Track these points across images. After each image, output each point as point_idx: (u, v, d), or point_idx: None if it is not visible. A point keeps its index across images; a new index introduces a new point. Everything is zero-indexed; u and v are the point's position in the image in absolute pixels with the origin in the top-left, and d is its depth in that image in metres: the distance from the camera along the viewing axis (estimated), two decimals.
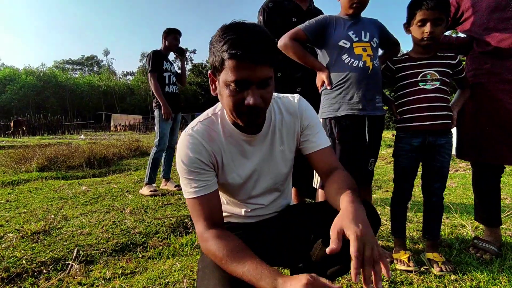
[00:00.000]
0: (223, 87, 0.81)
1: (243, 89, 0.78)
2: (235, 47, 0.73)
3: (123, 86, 39.20)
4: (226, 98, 0.81)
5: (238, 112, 0.82)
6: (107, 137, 11.48)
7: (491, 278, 1.43)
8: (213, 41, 0.80)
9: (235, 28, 0.76)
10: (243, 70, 0.75)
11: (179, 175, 0.93)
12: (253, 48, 0.74)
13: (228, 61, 0.75)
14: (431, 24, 1.47)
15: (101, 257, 1.81)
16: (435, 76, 1.55)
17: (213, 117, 0.96)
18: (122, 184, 3.71)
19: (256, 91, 0.78)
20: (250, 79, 0.76)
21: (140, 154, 6.68)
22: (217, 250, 0.81)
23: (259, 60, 0.75)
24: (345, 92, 1.57)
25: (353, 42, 1.57)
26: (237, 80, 0.76)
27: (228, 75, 0.77)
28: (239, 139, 0.95)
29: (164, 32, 3.39)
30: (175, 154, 0.98)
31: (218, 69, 0.80)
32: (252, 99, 0.77)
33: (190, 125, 0.95)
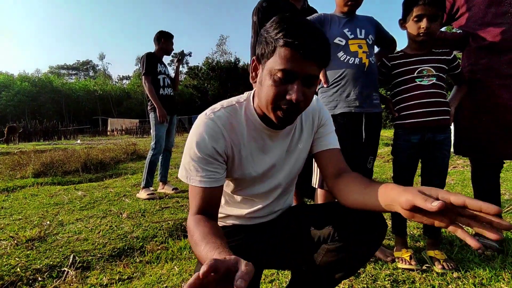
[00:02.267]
0: (266, 75, 0.77)
1: (288, 82, 0.75)
2: (292, 36, 0.71)
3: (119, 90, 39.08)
4: (267, 88, 0.77)
5: (276, 105, 0.78)
6: (103, 142, 11.41)
7: (494, 274, 1.41)
8: (267, 27, 0.78)
9: (294, 20, 0.74)
10: (293, 62, 0.72)
11: (185, 155, 0.88)
12: (309, 42, 0.71)
13: (281, 48, 0.73)
14: (427, 20, 1.46)
15: (98, 263, 1.78)
16: (431, 72, 1.54)
17: (237, 106, 0.90)
18: (119, 188, 3.67)
19: (300, 87, 0.75)
20: (298, 72, 0.74)
21: (137, 157, 6.64)
22: (193, 229, 0.78)
23: (312, 55, 0.73)
24: (341, 90, 1.56)
25: (348, 39, 1.56)
26: (285, 70, 0.73)
27: (276, 62, 0.74)
28: (261, 132, 0.91)
29: (159, 36, 3.36)
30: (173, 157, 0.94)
31: (267, 55, 0.76)
32: (295, 94, 0.74)
33: (211, 108, 0.89)
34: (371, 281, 1.41)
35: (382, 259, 1.60)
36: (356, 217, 0.81)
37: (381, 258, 1.61)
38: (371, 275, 1.46)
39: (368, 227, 0.81)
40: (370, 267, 1.54)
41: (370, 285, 1.38)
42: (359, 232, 0.80)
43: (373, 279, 1.43)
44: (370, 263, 1.57)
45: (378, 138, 1.71)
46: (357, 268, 0.93)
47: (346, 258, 0.84)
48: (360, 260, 0.88)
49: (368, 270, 1.51)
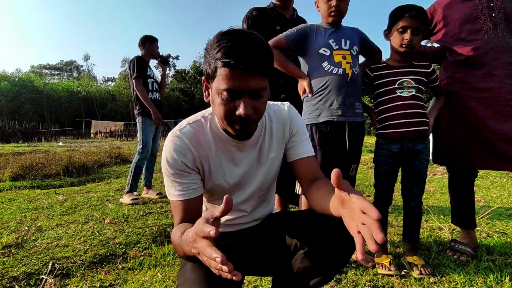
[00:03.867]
0: (215, 94, 0.79)
1: (235, 99, 0.77)
2: (229, 55, 0.72)
3: (104, 92, 38.31)
4: (217, 106, 0.80)
5: (229, 120, 0.81)
6: (87, 144, 11.15)
7: (468, 279, 1.47)
8: (208, 47, 0.79)
9: (231, 35, 0.74)
10: (235, 80, 0.74)
11: (163, 174, 0.92)
12: (247, 57, 0.72)
13: (221, 69, 0.74)
14: (411, 32, 1.55)
15: (78, 270, 1.74)
16: (411, 83, 1.61)
17: (202, 120, 0.94)
18: (102, 192, 3.60)
19: (248, 101, 0.77)
20: (242, 89, 0.75)
21: (121, 161, 6.53)
22: (174, 232, 0.83)
23: (253, 70, 0.74)
24: (325, 99, 1.60)
25: (333, 50, 1.61)
26: (229, 89, 0.75)
27: (220, 83, 0.76)
28: (228, 145, 0.93)
29: (143, 40, 3.34)
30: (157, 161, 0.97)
31: (211, 76, 0.78)
32: (243, 109, 0.76)
33: (178, 126, 0.93)
34: (352, 287, 1.44)
35: (363, 265, 1.64)
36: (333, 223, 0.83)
37: (362, 263, 1.65)
38: (352, 281, 1.49)
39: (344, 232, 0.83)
40: (351, 272, 1.58)
41: None
42: (334, 237, 0.82)
43: (354, 285, 1.46)
44: (351, 269, 1.61)
45: (361, 147, 1.76)
46: (334, 274, 0.94)
47: (322, 264, 0.86)
48: (336, 265, 0.90)
49: (349, 275, 1.55)
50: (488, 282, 1.43)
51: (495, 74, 1.60)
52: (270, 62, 0.79)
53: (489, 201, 2.99)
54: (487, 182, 3.89)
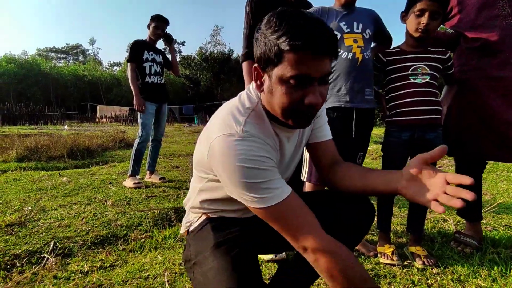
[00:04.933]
0: (277, 83, 0.71)
1: (304, 86, 0.70)
2: (297, 37, 0.65)
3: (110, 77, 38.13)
4: (280, 96, 0.71)
5: (294, 111, 0.73)
6: (91, 128, 11.18)
7: (472, 271, 1.45)
8: (264, 30, 0.71)
9: (292, 17, 0.68)
10: (305, 64, 0.67)
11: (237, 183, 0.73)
12: (317, 38, 0.65)
13: (289, 54, 0.67)
14: (428, 16, 1.46)
15: (80, 250, 1.75)
16: (425, 70, 1.54)
17: (256, 118, 0.81)
18: (105, 175, 3.61)
19: (318, 88, 0.70)
20: (313, 74, 0.68)
21: (126, 145, 6.53)
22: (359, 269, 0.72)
23: (323, 51, 0.67)
24: (333, 84, 1.55)
25: (344, 33, 1.54)
26: (299, 75, 0.68)
27: (287, 69, 0.68)
28: (281, 135, 0.86)
29: (149, 21, 3.29)
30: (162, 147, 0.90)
31: (273, 62, 0.70)
32: (315, 98, 0.70)
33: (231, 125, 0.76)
34: None
35: (365, 254, 1.62)
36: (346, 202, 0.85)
37: (364, 252, 1.63)
38: None
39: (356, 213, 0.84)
40: None
41: None
42: (348, 217, 0.83)
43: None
44: None
45: (370, 134, 1.71)
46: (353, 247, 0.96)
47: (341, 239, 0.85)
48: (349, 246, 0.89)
49: None
50: (492, 275, 1.41)
51: (511, 63, 1.54)
52: (336, 41, 0.72)
53: (495, 195, 2.94)
54: (493, 176, 3.82)
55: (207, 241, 0.89)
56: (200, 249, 0.89)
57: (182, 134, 10.07)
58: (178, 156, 5.40)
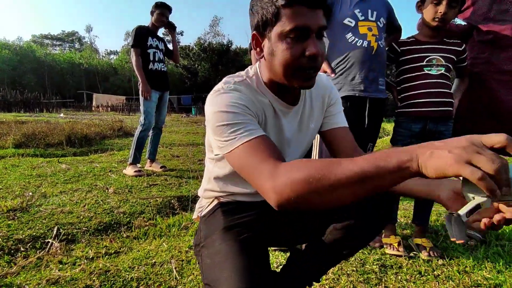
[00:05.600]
0: (277, 41, 0.73)
1: (303, 39, 0.72)
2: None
3: (106, 65, 37.62)
4: (282, 53, 0.73)
5: (296, 66, 0.73)
6: (88, 117, 11.05)
7: (477, 263, 1.46)
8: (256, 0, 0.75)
9: None
10: (303, 16, 0.70)
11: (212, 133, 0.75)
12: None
13: (285, 10, 0.70)
14: (447, 4, 1.43)
15: (83, 236, 1.74)
16: (440, 61, 1.52)
17: (248, 81, 0.84)
18: (105, 163, 3.58)
19: (316, 41, 0.73)
20: (311, 25, 0.71)
21: (124, 134, 6.48)
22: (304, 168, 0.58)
23: (317, 4, 0.71)
24: (347, 73, 1.53)
25: (358, 20, 1.52)
26: (298, 27, 0.70)
27: (285, 24, 0.71)
28: (276, 108, 0.86)
29: (152, 7, 3.22)
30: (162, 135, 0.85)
31: (270, 23, 0.73)
32: (314, 48, 0.71)
33: (224, 82, 0.81)
34: (360, 265, 1.43)
35: (371, 245, 1.63)
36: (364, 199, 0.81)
37: (370, 243, 1.64)
38: (359, 259, 1.48)
39: (375, 207, 0.80)
40: (359, 251, 1.57)
41: (359, 269, 1.40)
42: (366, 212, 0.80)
43: (362, 263, 1.45)
44: None
45: (380, 125, 1.70)
46: (361, 247, 0.93)
47: (352, 237, 0.84)
48: (364, 240, 0.88)
49: (357, 254, 1.53)
50: (497, 267, 1.42)
51: None
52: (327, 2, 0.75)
53: None
54: None
55: (216, 224, 0.89)
56: (209, 232, 0.88)
57: (181, 124, 10.01)
58: (178, 145, 5.37)
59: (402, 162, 0.49)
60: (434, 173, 0.46)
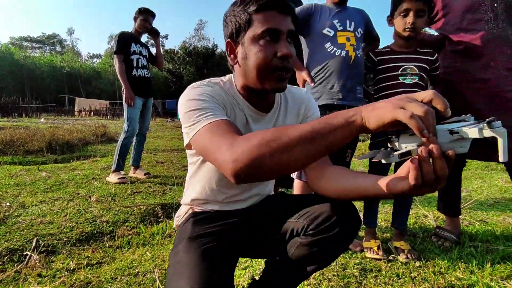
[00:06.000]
0: (250, 45, 0.78)
1: (274, 41, 0.77)
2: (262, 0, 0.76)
3: (89, 69, 36.79)
4: (255, 55, 0.78)
5: (269, 67, 0.77)
6: (70, 122, 10.77)
7: (451, 264, 1.52)
8: (230, 9, 0.82)
9: None
10: (273, 20, 0.76)
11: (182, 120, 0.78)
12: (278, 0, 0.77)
13: (257, 15, 0.77)
14: (414, 15, 1.52)
15: (64, 247, 1.70)
16: (414, 71, 1.59)
17: (221, 84, 0.89)
18: (87, 170, 3.51)
19: (287, 43, 0.78)
20: (281, 27, 0.77)
21: (107, 140, 6.36)
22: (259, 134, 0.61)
23: (286, 10, 0.78)
24: (326, 81, 1.58)
25: (337, 30, 1.57)
26: (269, 29, 0.76)
27: (257, 28, 0.77)
28: (247, 114, 0.89)
29: (135, 13, 3.21)
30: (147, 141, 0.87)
31: (244, 28, 0.79)
32: (286, 49, 0.76)
33: (199, 82, 0.87)
34: (341, 269, 1.47)
35: (352, 249, 1.67)
36: (332, 212, 0.80)
37: (351, 248, 1.68)
38: (341, 264, 1.52)
39: (342, 222, 0.80)
40: (340, 256, 1.61)
41: (340, 273, 1.43)
42: (332, 227, 0.80)
43: (343, 268, 1.49)
44: None
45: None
46: (329, 262, 0.92)
47: (318, 253, 0.84)
48: (332, 255, 0.88)
49: (338, 259, 1.57)
50: (470, 267, 1.49)
51: (493, 66, 1.61)
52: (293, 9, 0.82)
53: (470, 192, 3.09)
54: (469, 174, 4.01)
55: (184, 234, 0.90)
56: (177, 242, 0.90)
57: (165, 129, 9.91)
58: (162, 151, 5.32)
59: (348, 117, 0.56)
60: (375, 123, 0.53)
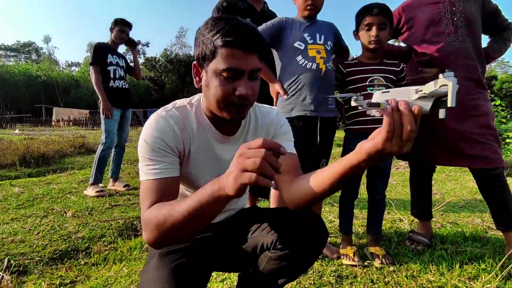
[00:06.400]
0: (212, 77, 0.79)
1: (235, 79, 0.78)
2: (229, 34, 0.74)
3: (67, 78, 35.84)
4: (214, 88, 0.78)
5: (227, 103, 0.79)
6: (47, 133, 10.43)
7: (423, 267, 1.58)
8: (202, 30, 0.80)
9: (227, 19, 0.78)
10: (236, 59, 0.75)
11: (139, 156, 0.84)
12: (246, 36, 0.75)
13: (222, 49, 0.75)
14: (376, 28, 1.60)
15: (36, 267, 1.65)
16: (381, 81, 1.66)
17: (188, 107, 0.91)
18: (64, 184, 3.41)
19: (248, 81, 0.78)
20: (243, 68, 0.76)
21: (86, 151, 6.21)
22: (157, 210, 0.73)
23: (252, 48, 0.76)
24: (298, 94, 1.62)
25: (307, 44, 1.62)
26: (230, 68, 0.76)
27: (220, 63, 0.76)
28: (212, 136, 0.91)
29: (112, 24, 3.19)
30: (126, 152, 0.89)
31: (208, 58, 0.78)
32: (245, 89, 0.77)
33: (164, 107, 0.89)
34: (318, 277, 1.50)
35: (329, 256, 1.71)
36: (299, 225, 0.83)
37: (328, 255, 1.71)
38: (318, 272, 1.55)
39: (310, 235, 0.83)
40: (317, 263, 1.63)
41: (317, 281, 1.46)
42: (301, 241, 0.82)
43: (320, 275, 1.51)
44: (318, 260, 1.67)
45: (332, 142, 1.80)
46: (299, 274, 0.95)
47: (288, 266, 0.86)
48: (302, 267, 0.91)
49: (316, 266, 1.60)
50: (440, 269, 1.55)
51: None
52: (266, 45, 0.82)
53: (444, 194, 3.21)
54: (443, 176, 4.17)
55: (155, 251, 0.90)
56: (149, 259, 0.90)
57: None
58: None
59: (214, 192, 0.64)
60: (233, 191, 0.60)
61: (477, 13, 1.77)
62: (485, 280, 1.41)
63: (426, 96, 0.63)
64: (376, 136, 0.65)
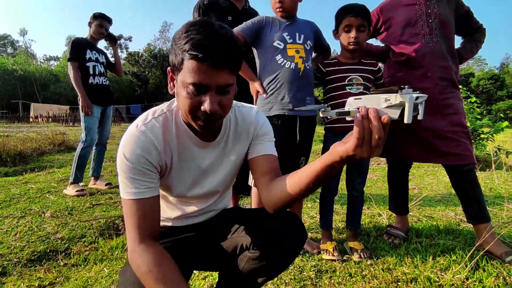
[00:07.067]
0: (180, 87, 0.77)
1: (201, 93, 0.75)
2: (197, 48, 0.70)
3: (46, 72, 34.58)
4: (182, 100, 0.77)
5: (193, 115, 0.78)
6: (24, 130, 10.06)
7: (399, 260, 1.64)
8: (175, 37, 0.76)
9: (200, 27, 0.72)
10: (202, 74, 0.72)
11: (118, 171, 0.84)
12: (215, 51, 0.70)
13: (188, 62, 0.72)
14: (355, 30, 1.64)
15: (14, 269, 1.62)
16: (359, 80, 1.71)
17: (168, 114, 0.89)
18: (42, 183, 3.32)
19: (215, 97, 0.75)
20: (209, 84, 0.73)
21: (66, 149, 6.05)
22: (143, 264, 0.76)
23: (221, 65, 0.72)
24: (277, 92, 1.64)
25: (287, 43, 1.64)
26: (195, 83, 0.73)
27: (186, 76, 0.73)
28: (191, 142, 0.91)
29: (91, 19, 3.10)
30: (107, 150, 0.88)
31: (178, 68, 0.76)
32: (209, 105, 0.74)
33: (142, 118, 0.87)
34: (298, 272, 1.54)
35: (309, 252, 1.75)
36: (278, 225, 0.86)
37: (308, 250, 1.76)
38: (298, 267, 1.59)
39: (288, 236, 0.86)
40: (298, 259, 1.67)
41: (297, 276, 1.50)
42: (279, 241, 0.85)
43: (300, 270, 1.55)
44: (299, 256, 1.70)
45: (312, 140, 1.83)
46: (278, 273, 0.97)
47: (267, 266, 0.89)
48: (280, 267, 0.94)
49: (296, 262, 1.64)
50: (415, 262, 1.62)
51: (429, 76, 1.76)
52: (239, 58, 0.77)
53: (421, 188, 3.33)
54: (421, 171, 4.31)
55: None
56: (124, 270, 0.90)
57: None
58: None
59: None
60: None
61: (450, 15, 1.83)
62: (455, 271, 1.49)
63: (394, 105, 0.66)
64: (348, 141, 0.67)
